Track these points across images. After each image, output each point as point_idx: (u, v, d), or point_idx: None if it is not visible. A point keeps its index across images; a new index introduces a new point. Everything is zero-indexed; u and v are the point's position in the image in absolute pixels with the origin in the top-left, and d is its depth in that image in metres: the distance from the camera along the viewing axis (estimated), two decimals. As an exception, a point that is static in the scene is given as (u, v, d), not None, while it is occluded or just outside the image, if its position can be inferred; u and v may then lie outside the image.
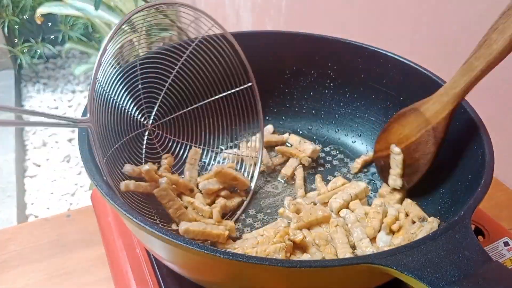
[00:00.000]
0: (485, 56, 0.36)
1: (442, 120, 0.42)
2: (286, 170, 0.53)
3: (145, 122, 0.49)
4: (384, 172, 0.50)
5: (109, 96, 0.43)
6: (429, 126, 0.43)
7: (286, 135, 0.59)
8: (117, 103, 0.44)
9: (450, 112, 0.41)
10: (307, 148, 0.55)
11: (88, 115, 0.37)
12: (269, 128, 0.59)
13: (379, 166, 0.52)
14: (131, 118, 0.47)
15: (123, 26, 0.40)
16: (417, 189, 0.49)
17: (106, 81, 0.42)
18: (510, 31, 0.34)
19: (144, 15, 0.43)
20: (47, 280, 0.50)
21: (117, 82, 0.44)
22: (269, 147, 0.57)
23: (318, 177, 0.52)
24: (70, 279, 0.50)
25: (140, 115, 0.48)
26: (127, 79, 0.46)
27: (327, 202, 0.47)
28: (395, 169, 0.48)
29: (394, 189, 0.48)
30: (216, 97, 0.53)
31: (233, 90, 0.51)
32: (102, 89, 0.41)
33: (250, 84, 0.52)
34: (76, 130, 0.39)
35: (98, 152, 0.37)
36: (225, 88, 0.53)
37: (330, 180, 0.52)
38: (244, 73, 0.51)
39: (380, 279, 0.34)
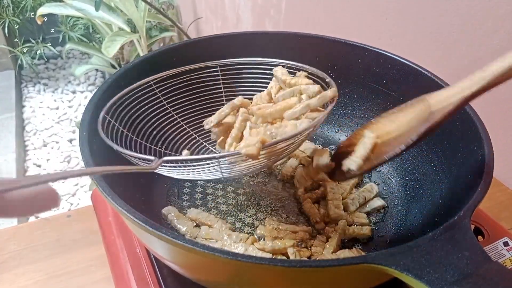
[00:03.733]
0: (480, 79, 0.35)
1: (443, 110, 0.38)
2: (286, 170, 0.53)
3: None
4: (338, 164, 0.44)
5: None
6: (427, 112, 0.39)
7: None
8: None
9: (454, 109, 0.37)
10: (308, 147, 0.55)
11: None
12: None
13: (335, 159, 0.46)
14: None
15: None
16: (417, 189, 0.50)
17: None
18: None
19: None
20: (47, 280, 0.50)
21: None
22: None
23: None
24: (70, 279, 0.50)
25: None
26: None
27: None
28: (361, 151, 0.42)
29: None
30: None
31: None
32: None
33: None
34: (77, 130, 0.39)
35: None
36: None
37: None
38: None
39: (380, 279, 0.34)
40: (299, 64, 0.49)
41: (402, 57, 0.52)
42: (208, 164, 0.38)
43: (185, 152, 0.49)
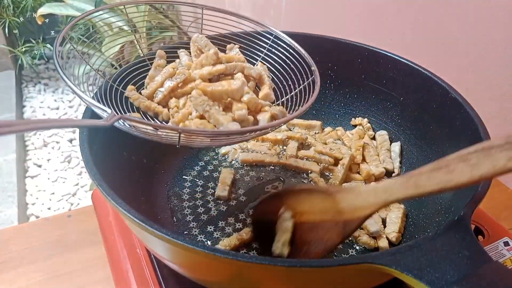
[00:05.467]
0: (441, 182, 0.31)
1: (358, 218, 0.36)
2: (291, 151, 0.55)
3: None
4: (262, 241, 0.43)
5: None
6: (340, 218, 0.37)
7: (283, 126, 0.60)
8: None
9: (371, 213, 0.36)
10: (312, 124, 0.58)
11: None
12: None
13: (257, 230, 0.44)
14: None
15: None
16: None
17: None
18: (483, 170, 0.30)
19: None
20: (48, 280, 0.50)
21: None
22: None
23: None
24: (70, 279, 0.50)
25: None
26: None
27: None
28: (283, 235, 0.39)
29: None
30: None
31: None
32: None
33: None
34: (77, 131, 0.39)
35: None
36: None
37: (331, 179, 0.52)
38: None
39: (380, 279, 0.34)
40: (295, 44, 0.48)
41: (402, 57, 0.52)
42: (168, 132, 0.36)
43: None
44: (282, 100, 0.47)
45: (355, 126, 0.58)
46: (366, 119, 0.58)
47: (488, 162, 0.29)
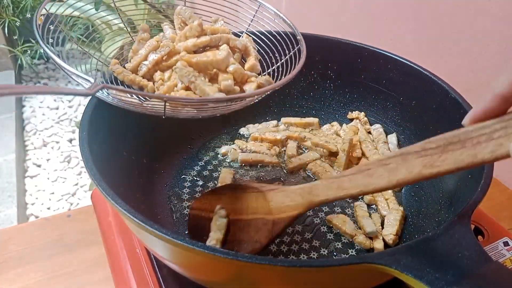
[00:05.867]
0: (360, 184, 0.32)
1: (286, 218, 0.37)
2: (291, 151, 0.55)
3: None
4: (196, 236, 0.43)
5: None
6: (269, 217, 0.38)
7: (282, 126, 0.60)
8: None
9: (299, 214, 0.37)
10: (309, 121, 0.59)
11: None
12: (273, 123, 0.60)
13: (192, 225, 0.44)
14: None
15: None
16: (417, 189, 0.50)
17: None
18: (400, 175, 0.30)
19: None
20: (47, 280, 0.50)
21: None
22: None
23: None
24: (70, 279, 0.50)
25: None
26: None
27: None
28: (216, 233, 0.40)
29: None
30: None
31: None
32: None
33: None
34: (77, 131, 0.39)
35: None
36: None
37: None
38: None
39: (380, 279, 0.34)
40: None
41: (402, 57, 0.52)
42: (153, 102, 0.35)
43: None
44: (269, 71, 0.46)
45: (352, 120, 0.58)
46: (363, 113, 0.58)
47: (405, 168, 0.30)
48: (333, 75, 0.58)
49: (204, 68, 0.40)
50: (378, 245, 0.44)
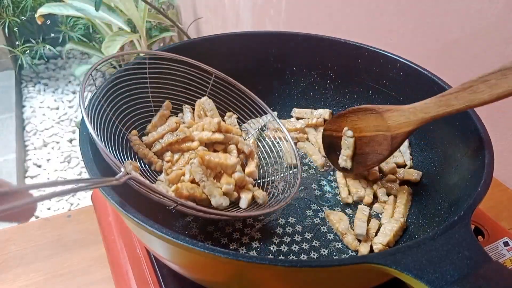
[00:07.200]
0: (466, 100, 0.37)
1: (402, 133, 0.43)
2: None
3: None
4: (330, 152, 0.53)
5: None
6: (388, 133, 0.45)
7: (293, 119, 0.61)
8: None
9: (412, 130, 0.43)
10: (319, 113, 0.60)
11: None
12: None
13: (326, 143, 0.53)
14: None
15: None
16: (417, 189, 0.50)
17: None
18: (500, 89, 0.35)
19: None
20: (47, 280, 0.50)
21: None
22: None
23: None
24: (70, 279, 0.50)
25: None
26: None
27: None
28: (346, 151, 0.49)
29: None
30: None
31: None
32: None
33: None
34: (77, 130, 0.39)
35: None
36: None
37: (335, 179, 0.52)
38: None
39: (380, 279, 0.34)
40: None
41: (402, 57, 0.52)
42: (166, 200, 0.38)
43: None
44: (263, 180, 0.50)
45: None
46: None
47: (505, 82, 0.34)
48: (333, 75, 0.58)
49: (213, 167, 0.45)
50: (363, 249, 0.43)
